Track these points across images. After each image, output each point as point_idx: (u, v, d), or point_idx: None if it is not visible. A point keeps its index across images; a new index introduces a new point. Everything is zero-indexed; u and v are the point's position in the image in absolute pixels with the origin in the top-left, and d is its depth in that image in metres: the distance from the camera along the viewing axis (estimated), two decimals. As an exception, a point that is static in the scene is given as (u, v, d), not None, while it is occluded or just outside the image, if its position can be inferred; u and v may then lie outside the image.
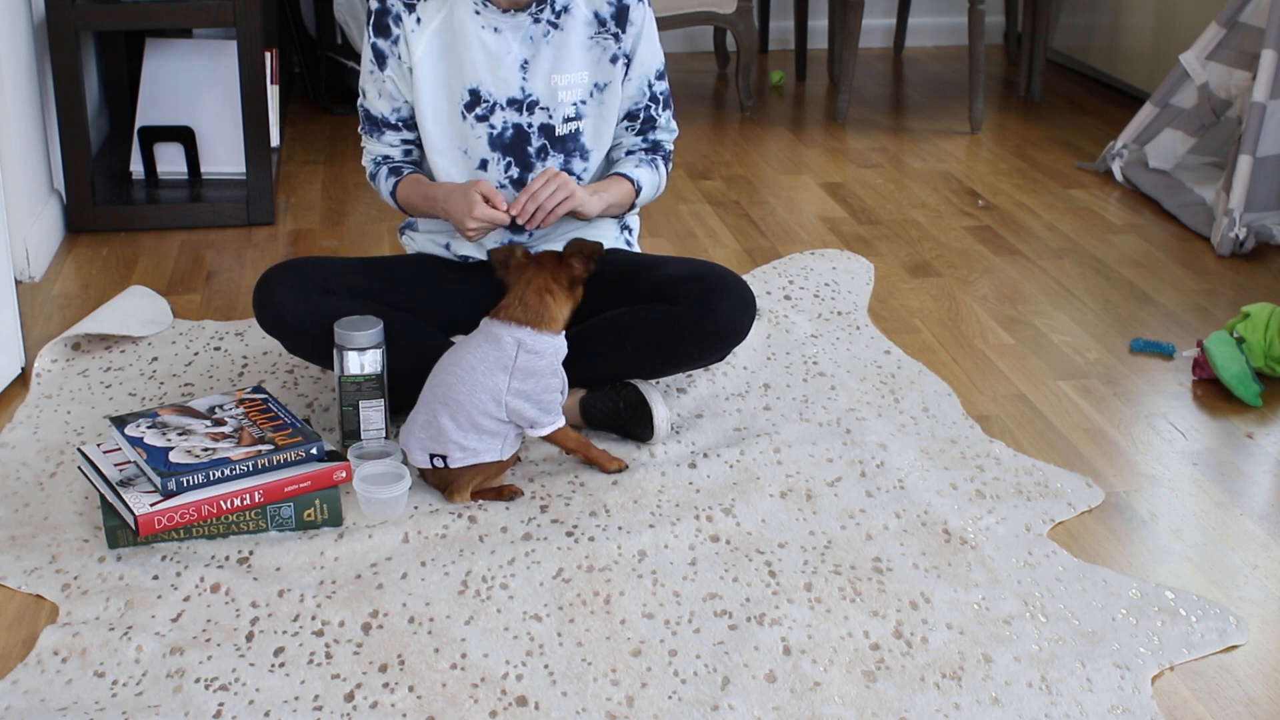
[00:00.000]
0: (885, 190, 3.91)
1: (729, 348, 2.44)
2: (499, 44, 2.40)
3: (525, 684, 1.82)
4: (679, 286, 2.39)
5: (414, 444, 2.23)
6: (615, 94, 2.46)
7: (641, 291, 2.43)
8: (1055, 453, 2.46)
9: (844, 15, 4.59)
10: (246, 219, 3.55)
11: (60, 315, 2.99)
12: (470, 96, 2.41)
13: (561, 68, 2.41)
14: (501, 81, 2.41)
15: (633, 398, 2.41)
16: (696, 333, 2.38)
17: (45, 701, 1.79)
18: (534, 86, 2.41)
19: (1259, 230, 3.39)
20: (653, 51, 2.49)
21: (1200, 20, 4.19)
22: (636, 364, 2.43)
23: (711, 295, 2.37)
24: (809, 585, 2.04)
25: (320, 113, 4.65)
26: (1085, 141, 4.38)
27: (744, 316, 2.40)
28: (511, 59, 2.40)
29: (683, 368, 2.47)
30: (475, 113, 2.42)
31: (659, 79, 2.51)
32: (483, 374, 2.18)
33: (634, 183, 2.48)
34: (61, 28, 3.31)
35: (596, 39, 2.43)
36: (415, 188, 2.47)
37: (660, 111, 2.54)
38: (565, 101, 2.42)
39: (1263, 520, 2.26)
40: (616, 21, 2.43)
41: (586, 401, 2.43)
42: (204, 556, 2.09)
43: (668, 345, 2.39)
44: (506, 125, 2.42)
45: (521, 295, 2.22)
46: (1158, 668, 1.88)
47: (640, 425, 2.41)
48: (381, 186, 2.52)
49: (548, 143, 2.44)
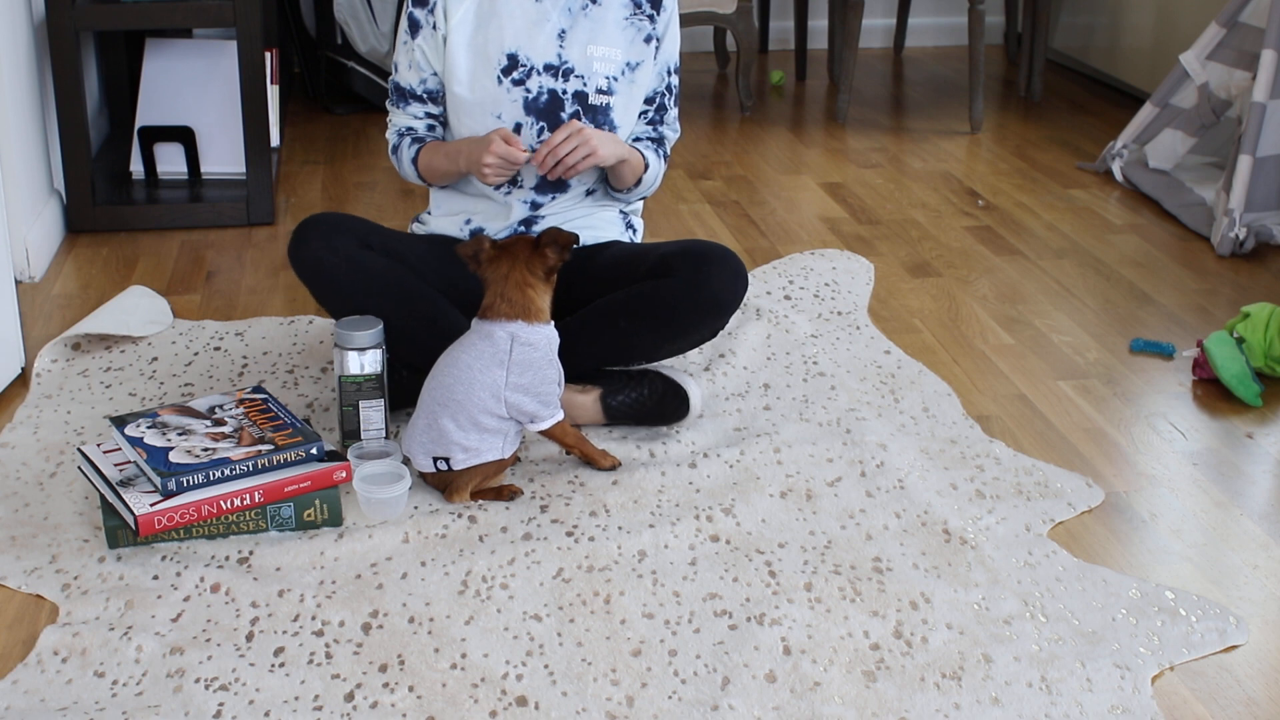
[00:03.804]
0: (885, 190, 3.91)
1: (723, 318, 2.44)
2: (538, 11, 2.47)
3: (525, 684, 1.82)
4: (670, 262, 2.42)
5: (416, 448, 2.23)
6: (646, 74, 2.52)
7: (638, 277, 2.45)
8: (1055, 453, 2.46)
9: (844, 15, 4.59)
10: (246, 219, 3.55)
11: (60, 315, 2.99)
12: (508, 61, 2.46)
13: (598, 40, 2.48)
14: (540, 47, 2.46)
15: (658, 384, 2.44)
16: (689, 304, 2.39)
17: (45, 701, 1.79)
18: (570, 54, 2.47)
19: (1259, 230, 3.39)
20: (675, 42, 2.57)
21: (1200, 20, 4.19)
22: (634, 343, 2.44)
23: (702, 266, 2.39)
24: (809, 585, 2.04)
25: (320, 113, 4.65)
26: (1085, 141, 4.38)
27: (735, 285, 2.42)
28: (550, 27, 2.46)
29: (680, 343, 2.47)
30: (512, 77, 2.46)
31: (673, 73, 2.58)
32: (480, 371, 2.18)
33: (643, 156, 2.53)
34: (61, 28, 3.31)
35: (632, 20, 2.50)
36: (436, 148, 2.52)
37: (671, 104, 2.59)
38: (599, 73, 2.47)
39: (1263, 520, 2.26)
40: (652, 4, 2.51)
41: (607, 398, 2.44)
42: (204, 556, 2.09)
43: (661, 319, 2.40)
44: (542, 90, 2.46)
45: (503, 292, 2.22)
46: (1158, 668, 1.88)
47: (673, 407, 2.44)
48: (404, 155, 2.55)
49: (581, 110, 2.48)
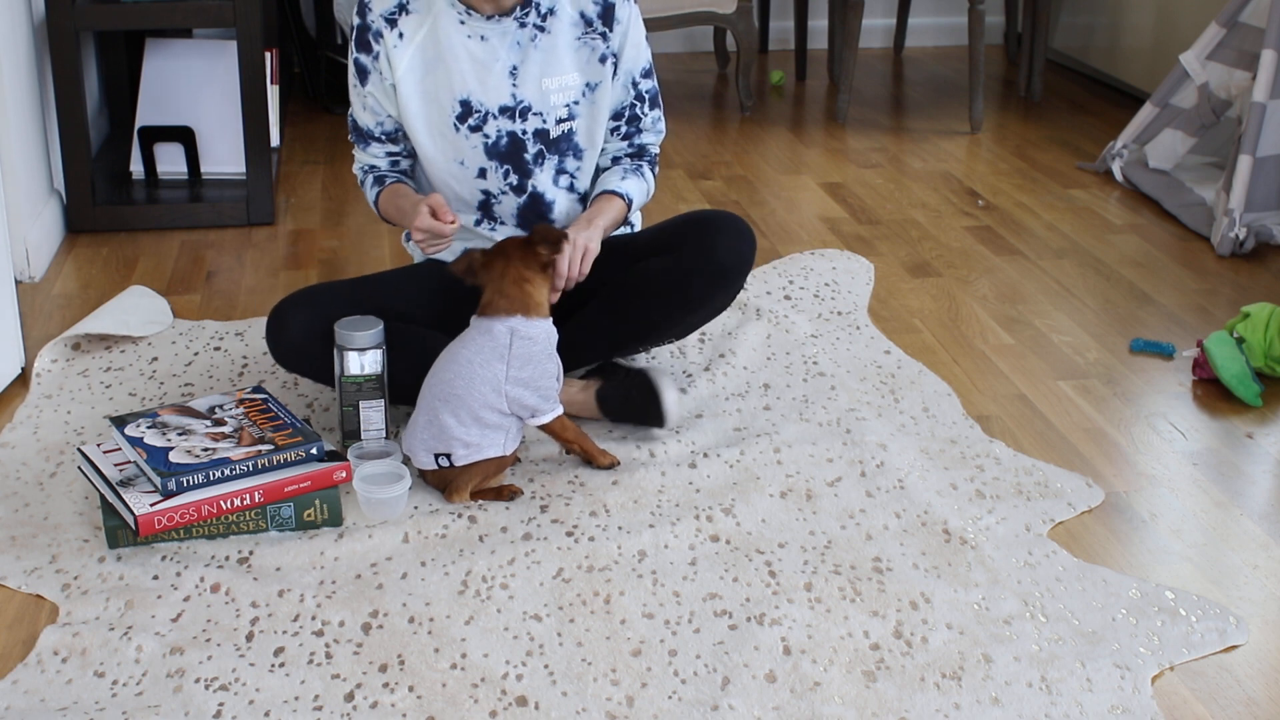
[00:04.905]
0: (885, 190, 3.91)
1: (735, 284, 2.44)
2: (486, 52, 2.39)
3: (525, 684, 1.82)
4: (676, 234, 2.41)
5: (417, 445, 2.23)
6: (606, 93, 2.46)
7: (640, 255, 2.46)
8: (1055, 453, 2.46)
9: (844, 15, 4.59)
10: (246, 219, 3.55)
11: (60, 315, 2.99)
12: (461, 107, 2.40)
13: (551, 71, 2.41)
14: (492, 90, 2.40)
15: (642, 384, 2.42)
16: (699, 272, 2.38)
17: (45, 701, 1.79)
18: (525, 92, 2.41)
19: (1259, 230, 3.39)
20: (639, 49, 2.48)
21: (1200, 20, 4.19)
22: (649, 320, 2.44)
23: (709, 232, 2.39)
24: (809, 585, 2.04)
25: (320, 113, 4.65)
26: (1085, 141, 4.38)
27: (743, 247, 2.41)
28: (500, 66, 2.39)
29: (694, 315, 2.47)
30: (468, 123, 2.41)
31: (645, 77, 2.51)
32: (480, 365, 2.18)
33: (624, 197, 2.48)
34: (61, 28, 3.31)
35: (584, 39, 2.42)
36: (392, 199, 2.47)
37: (646, 110, 2.53)
38: (557, 104, 2.42)
39: (1263, 520, 2.26)
40: (603, 20, 2.43)
41: (601, 393, 2.45)
42: (204, 556, 2.09)
43: (674, 291, 2.40)
44: (501, 134, 2.42)
45: (500, 288, 2.21)
46: (1158, 668, 1.88)
47: (653, 412, 2.42)
48: (368, 194, 2.53)
49: (544, 148, 2.44)
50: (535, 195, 2.47)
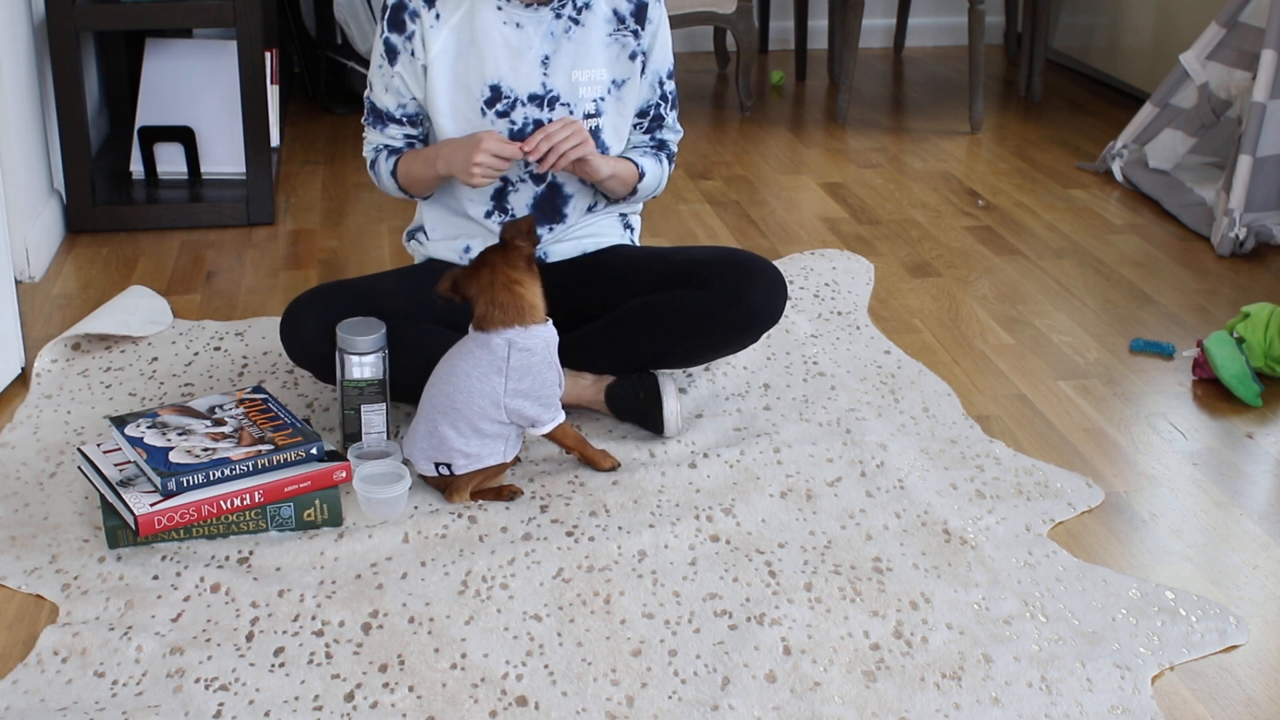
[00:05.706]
0: (885, 190, 3.91)
1: (761, 331, 2.45)
2: (520, 39, 2.41)
3: (525, 684, 1.82)
4: (704, 271, 2.40)
5: (418, 454, 2.23)
6: (633, 91, 2.48)
7: (652, 280, 2.45)
8: (1055, 453, 2.46)
9: (844, 15, 4.59)
10: (246, 219, 3.55)
11: (60, 315, 2.99)
12: (491, 92, 2.41)
13: (582, 64, 2.43)
14: (523, 77, 2.41)
15: (650, 387, 2.43)
16: (728, 317, 2.39)
17: (45, 701, 1.79)
18: (555, 82, 2.42)
19: (1259, 230, 3.39)
20: (666, 50, 2.52)
21: (1200, 20, 4.19)
22: (668, 350, 2.45)
23: (741, 278, 2.38)
24: (809, 585, 2.04)
25: (320, 113, 4.65)
26: (1085, 141, 4.38)
27: (775, 298, 2.41)
28: (533, 54, 2.41)
29: (715, 353, 2.48)
30: (496, 109, 2.42)
31: (669, 79, 2.54)
32: (477, 379, 2.17)
33: (638, 166, 2.49)
34: (61, 28, 3.31)
35: (616, 36, 2.45)
36: (414, 155, 2.46)
37: (668, 111, 2.56)
38: (585, 98, 2.43)
39: (1263, 520, 2.26)
40: (636, 19, 2.45)
41: (611, 389, 2.45)
42: (204, 556, 2.09)
43: (699, 331, 2.40)
44: (528, 121, 2.43)
45: (493, 298, 2.18)
46: (1158, 668, 1.88)
47: (655, 416, 2.42)
48: (382, 169, 2.50)
49: None
50: (554, 185, 2.48)
